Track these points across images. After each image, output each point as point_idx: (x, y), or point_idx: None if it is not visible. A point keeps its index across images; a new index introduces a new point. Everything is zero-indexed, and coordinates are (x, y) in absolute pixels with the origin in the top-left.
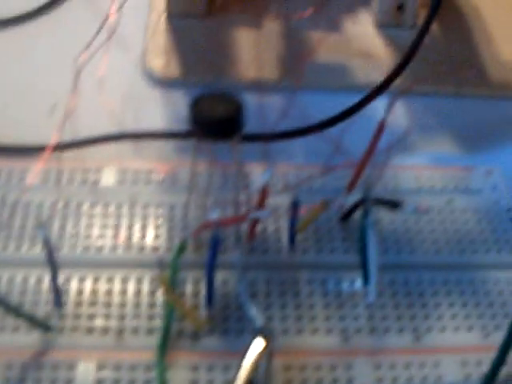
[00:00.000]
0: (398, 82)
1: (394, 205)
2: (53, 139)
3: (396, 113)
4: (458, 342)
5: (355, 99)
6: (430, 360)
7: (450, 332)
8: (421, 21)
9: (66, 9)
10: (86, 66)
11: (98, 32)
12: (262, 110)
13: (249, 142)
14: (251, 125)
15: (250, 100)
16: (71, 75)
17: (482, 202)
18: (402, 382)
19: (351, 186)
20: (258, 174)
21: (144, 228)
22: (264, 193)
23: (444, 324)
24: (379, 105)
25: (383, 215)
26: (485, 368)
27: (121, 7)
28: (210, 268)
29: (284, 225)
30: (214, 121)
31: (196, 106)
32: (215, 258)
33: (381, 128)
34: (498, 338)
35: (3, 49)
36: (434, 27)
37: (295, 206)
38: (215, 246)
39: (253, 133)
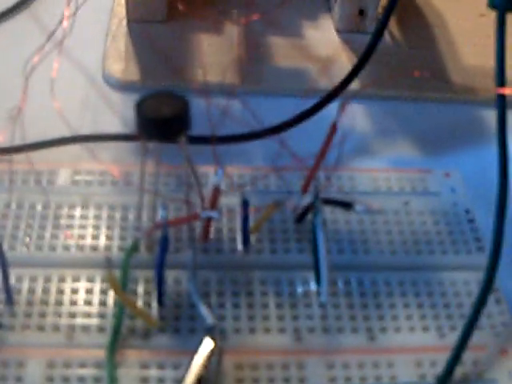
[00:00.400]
0: (357, 86)
1: (345, 205)
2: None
3: (354, 117)
4: (413, 342)
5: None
6: (384, 360)
7: (405, 332)
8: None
9: (23, 17)
10: (41, 71)
11: (49, 37)
12: (219, 114)
13: (201, 145)
14: (208, 128)
15: (211, 103)
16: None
17: (439, 204)
18: (355, 382)
19: (305, 188)
20: (211, 176)
21: (97, 228)
22: (216, 193)
23: (399, 324)
24: (336, 108)
25: (339, 216)
26: (440, 368)
27: (75, 13)
28: (160, 266)
29: (238, 225)
30: (159, 121)
31: (140, 106)
32: (164, 256)
33: (333, 130)
34: (454, 338)
35: None
36: (396, 32)
37: (245, 204)
38: (164, 244)
39: (204, 135)
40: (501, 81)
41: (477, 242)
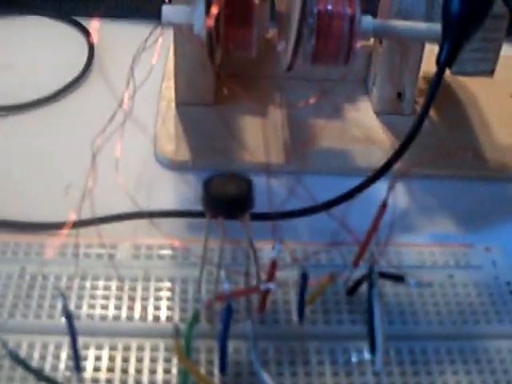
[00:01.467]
0: (398, 165)
1: (397, 278)
2: (71, 216)
3: (397, 194)
4: None
5: (356, 182)
6: None
7: None
8: (418, 108)
9: (83, 93)
10: (101, 149)
11: (112, 117)
12: (270, 192)
13: (258, 221)
14: (259, 205)
15: (257, 182)
16: (86, 156)
17: (482, 277)
18: None
19: (357, 262)
20: (267, 250)
21: (158, 300)
22: (273, 266)
23: None
24: (380, 187)
25: (388, 289)
26: None
27: (134, 94)
28: (224, 336)
29: (293, 297)
30: (227, 199)
31: (208, 185)
32: (228, 326)
33: (383, 207)
34: None
35: (23, 130)
36: (433, 114)
37: (304, 277)
38: (228, 315)
39: (261, 212)
40: None
41: None
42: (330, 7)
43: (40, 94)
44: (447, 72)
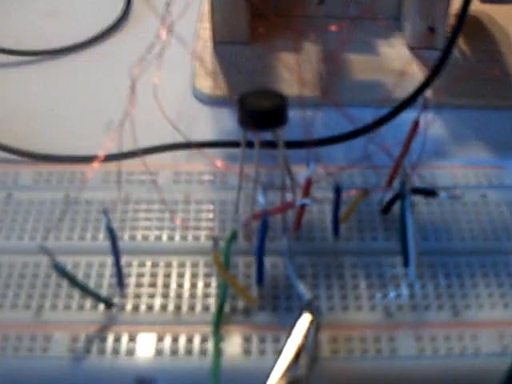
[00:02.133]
0: (430, 96)
1: (429, 193)
2: (110, 148)
3: (429, 123)
4: (495, 317)
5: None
6: (468, 333)
7: (487, 309)
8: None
9: (122, 37)
10: (139, 80)
11: (150, 48)
12: (305, 122)
13: (294, 149)
14: (296, 135)
15: (293, 115)
16: (127, 90)
17: None
18: (442, 353)
19: (390, 182)
20: (303, 174)
21: (198, 221)
22: (308, 183)
23: (481, 302)
24: (410, 116)
25: (422, 208)
26: None
27: (170, 30)
28: (260, 248)
29: (328, 216)
30: (261, 111)
31: (243, 99)
32: (264, 238)
33: (415, 127)
34: None
35: (67, 71)
36: (464, 47)
37: (337, 191)
38: (264, 227)
39: (297, 140)
40: None
41: None
42: None
43: (81, 39)
44: (479, 7)
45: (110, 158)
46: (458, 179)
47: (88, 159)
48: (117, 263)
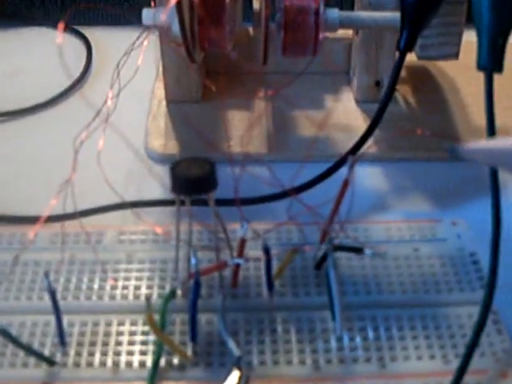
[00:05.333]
0: (374, 150)
1: (356, 250)
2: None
3: (372, 177)
4: (421, 368)
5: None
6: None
7: (414, 360)
8: (398, 96)
9: (81, 96)
10: (89, 146)
11: (96, 115)
12: (250, 180)
13: (229, 206)
14: (242, 191)
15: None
16: (72, 153)
17: (446, 249)
18: None
19: (322, 239)
20: (239, 231)
21: (139, 280)
22: (242, 243)
23: (408, 353)
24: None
25: (354, 261)
26: None
27: (117, 94)
28: (193, 308)
29: (264, 273)
30: (190, 179)
31: (174, 168)
32: (196, 299)
33: (345, 185)
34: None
35: (13, 135)
36: (412, 99)
37: (266, 250)
38: (196, 288)
39: (227, 198)
40: (491, 131)
41: (480, 281)
42: (296, 2)
43: (41, 99)
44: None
45: (52, 219)
46: (391, 233)
47: (33, 220)
48: (58, 323)
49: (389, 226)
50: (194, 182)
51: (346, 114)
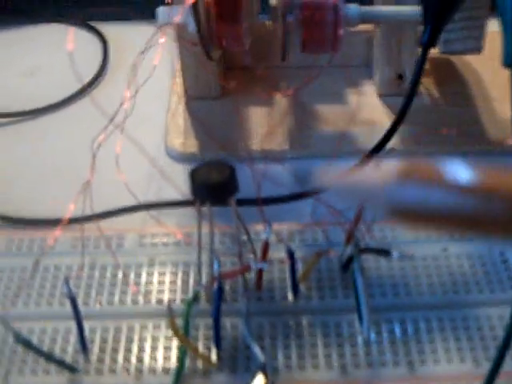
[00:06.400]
0: (399, 145)
1: (384, 252)
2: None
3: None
4: (451, 372)
5: None
6: None
7: (444, 363)
8: (422, 89)
9: (97, 94)
10: (107, 149)
11: (112, 118)
12: (272, 178)
13: (251, 206)
14: (263, 191)
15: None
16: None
17: (475, 249)
18: None
19: (348, 239)
20: (260, 232)
21: (161, 284)
22: (265, 246)
23: (438, 357)
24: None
25: (383, 264)
26: None
27: (136, 93)
28: (216, 313)
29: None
30: (210, 185)
31: (193, 174)
32: (219, 304)
33: None
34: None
35: (30, 136)
36: (436, 92)
37: (290, 254)
38: (218, 294)
39: (248, 198)
40: None
41: (511, 281)
42: None
43: (56, 99)
44: None
45: (71, 221)
46: (418, 233)
47: (51, 223)
48: (79, 329)
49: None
50: (213, 187)
51: (368, 108)
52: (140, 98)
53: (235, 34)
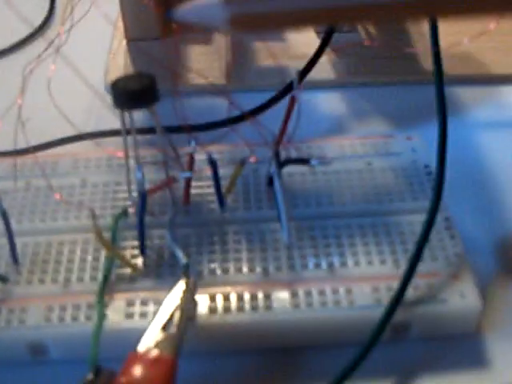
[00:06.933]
0: (332, 75)
1: (303, 161)
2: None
3: (333, 103)
4: (371, 273)
5: None
6: (342, 287)
7: (364, 265)
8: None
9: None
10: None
11: (49, 45)
12: (209, 110)
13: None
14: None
15: (201, 103)
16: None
17: (400, 162)
18: (316, 306)
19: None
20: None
21: (93, 202)
22: (191, 158)
23: (358, 259)
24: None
25: (308, 176)
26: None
27: (69, 29)
28: (140, 219)
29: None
30: (129, 92)
31: (113, 85)
32: (143, 211)
33: (292, 102)
34: None
35: None
36: (372, 30)
37: (213, 164)
38: (142, 200)
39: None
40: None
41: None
42: None
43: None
44: None
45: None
46: (345, 150)
47: None
48: (11, 243)
49: (342, 144)
50: (132, 94)
51: (305, 44)
52: (81, 38)
53: None
